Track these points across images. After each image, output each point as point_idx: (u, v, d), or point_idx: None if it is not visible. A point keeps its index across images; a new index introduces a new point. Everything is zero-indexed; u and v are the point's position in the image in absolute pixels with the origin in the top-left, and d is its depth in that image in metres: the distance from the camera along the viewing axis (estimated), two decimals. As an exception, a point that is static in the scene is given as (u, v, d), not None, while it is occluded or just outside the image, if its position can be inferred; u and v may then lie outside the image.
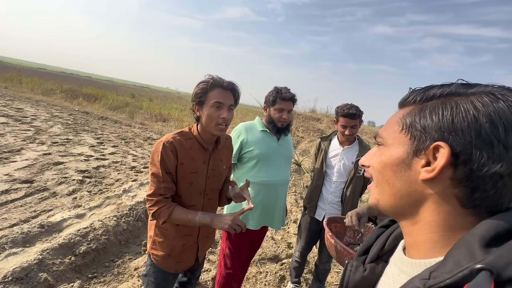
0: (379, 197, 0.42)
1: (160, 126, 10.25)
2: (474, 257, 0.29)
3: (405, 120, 0.39)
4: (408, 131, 0.38)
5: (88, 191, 3.40)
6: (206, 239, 1.34)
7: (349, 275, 0.49)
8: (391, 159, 0.40)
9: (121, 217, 2.69)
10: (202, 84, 1.12)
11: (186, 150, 1.14)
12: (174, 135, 1.15)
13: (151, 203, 1.10)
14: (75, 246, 2.15)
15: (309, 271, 2.49)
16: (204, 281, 2.15)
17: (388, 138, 0.41)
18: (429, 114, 0.36)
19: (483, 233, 0.31)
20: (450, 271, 0.31)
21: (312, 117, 9.18)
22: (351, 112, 1.70)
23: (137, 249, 2.47)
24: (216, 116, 1.10)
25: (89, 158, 4.72)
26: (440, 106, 0.36)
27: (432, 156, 0.35)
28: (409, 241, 0.41)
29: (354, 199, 1.83)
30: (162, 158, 1.08)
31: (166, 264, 1.23)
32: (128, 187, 3.43)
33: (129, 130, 8.22)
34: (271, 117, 1.62)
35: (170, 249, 1.21)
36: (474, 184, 0.33)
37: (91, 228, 2.37)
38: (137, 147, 6.29)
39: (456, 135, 0.33)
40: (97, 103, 13.12)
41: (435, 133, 0.35)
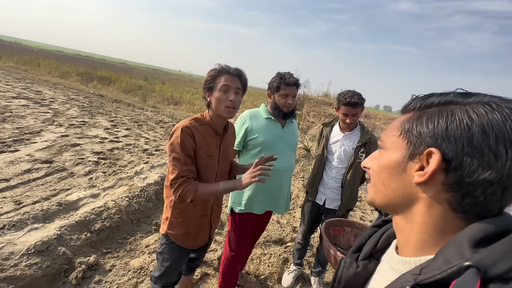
0: (374, 196, 0.45)
1: (172, 110, 10.37)
2: (462, 255, 0.32)
3: (404, 126, 0.41)
4: (406, 136, 0.41)
5: (103, 172, 3.57)
6: (216, 218, 1.46)
7: (342, 271, 0.52)
8: (388, 161, 0.42)
9: (132, 197, 2.82)
10: (211, 71, 1.22)
11: (202, 134, 1.22)
12: (190, 121, 1.22)
13: (175, 186, 1.15)
14: (90, 223, 2.29)
15: (312, 255, 2.54)
16: (210, 260, 2.26)
17: (387, 142, 0.44)
18: (426, 121, 0.38)
19: (472, 235, 0.33)
20: (439, 267, 0.33)
21: (324, 102, 8.95)
22: (353, 101, 1.67)
23: (148, 228, 2.60)
24: (225, 98, 1.18)
25: (103, 140, 4.90)
26: (437, 114, 0.38)
27: (425, 161, 0.37)
28: (401, 240, 0.43)
29: (354, 185, 1.83)
30: (182, 142, 1.15)
31: (186, 241, 1.34)
32: (140, 169, 3.56)
33: (141, 113, 8.39)
34: (276, 103, 1.60)
35: (188, 228, 1.31)
36: (464, 190, 0.34)
37: (105, 207, 2.50)
38: (149, 130, 6.44)
39: (448, 142, 0.35)
40: (111, 86, 13.37)
41: (429, 140, 0.37)
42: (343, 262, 0.53)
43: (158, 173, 3.52)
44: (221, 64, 1.22)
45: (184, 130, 1.16)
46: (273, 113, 1.63)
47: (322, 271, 2.14)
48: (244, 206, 1.64)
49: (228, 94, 1.18)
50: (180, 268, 1.46)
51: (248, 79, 1.28)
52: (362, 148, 1.78)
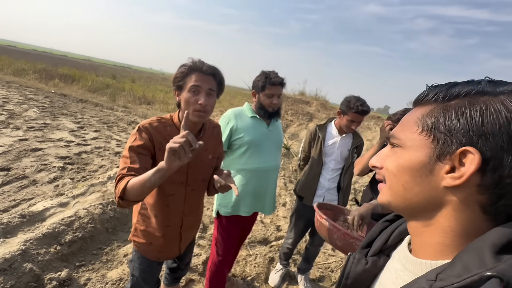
0: (391, 199, 0.41)
1: (145, 109, 9.90)
2: (484, 264, 0.29)
3: (426, 121, 0.36)
4: (430, 133, 0.36)
5: (70, 179, 3.28)
6: (189, 229, 1.31)
7: (350, 267, 0.49)
8: (410, 163, 0.37)
9: (107, 204, 2.63)
10: (182, 68, 1.07)
11: (164, 136, 1.09)
12: (151, 121, 1.11)
13: (115, 185, 0.98)
14: (60, 235, 2.09)
15: (297, 252, 2.58)
16: (195, 265, 2.19)
17: (406, 140, 0.38)
18: (455, 115, 0.33)
19: (495, 240, 0.30)
20: (458, 275, 0.30)
21: (301, 100, 9.15)
22: (364, 109, 1.66)
23: (126, 236, 2.45)
24: (193, 101, 1.04)
25: (69, 144, 4.51)
26: (468, 106, 0.33)
27: (458, 162, 0.33)
28: (417, 241, 0.40)
29: (348, 186, 1.90)
30: (134, 141, 1.04)
31: (148, 252, 1.22)
32: (113, 173, 3.34)
33: (111, 114, 7.88)
34: (261, 103, 1.58)
35: (151, 238, 1.19)
36: (501, 191, 0.31)
37: (76, 217, 2.30)
38: (121, 132, 6.08)
39: (486, 139, 0.31)
40: (75, 85, 12.39)
41: (462, 137, 0.32)
42: (352, 258, 0.50)
43: (134, 177, 3.33)
44: (193, 59, 1.07)
45: (141, 128, 1.06)
46: (258, 112, 1.61)
47: (308, 268, 2.18)
48: (231, 209, 1.60)
49: (198, 96, 1.04)
50: (155, 279, 1.33)
51: (224, 78, 1.14)
52: (355, 150, 1.84)
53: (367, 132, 7.18)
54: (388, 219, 0.52)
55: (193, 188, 1.21)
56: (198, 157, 1.20)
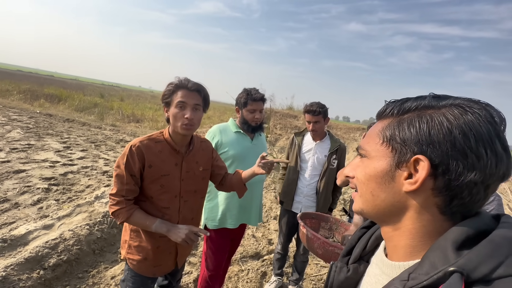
0: (363, 206, 0.44)
1: (133, 127, 9.83)
2: (447, 260, 0.32)
3: (385, 133, 0.40)
4: (389, 144, 0.39)
5: (55, 200, 3.19)
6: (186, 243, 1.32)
7: (333, 276, 0.50)
8: (375, 171, 0.41)
9: (94, 225, 2.56)
10: (169, 86, 1.16)
11: (155, 153, 1.16)
12: (142, 139, 1.17)
13: (112, 202, 1.13)
14: (44, 259, 2.01)
15: (290, 265, 2.57)
16: (186, 284, 2.14)
17: (371, 151, 0.42)
18: (407, 127, 0.37)
19: (455, 237, 0.34)
20: (426, 272, 0.33)
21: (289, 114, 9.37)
22: (312, 109, 1.84)
23: (113, 257, 2.37)
24: (180, 115, 1.13)
25: (55, 164, 4.40)
26: (417, 119, 0.37)
27: (413, 169, 0.36)
28: (390, 246, 0.43)
29: (327, 191, 1.94)
30: (128, 161, 1.11)
31: (144, 268, 1.22)
32: (101, 193, 3.27)
33: (99, 133, 7.77)
34: (245, 118, 1.66)
35: (146, 252, 1.20)
36: (452, 193, 0.35)
37: (61, 239, 2.23)
38: (109, 150, 5.98)
39: (433, 147, 0.35)
40: (62, 104, 12.23)
41: (414, 146, 0.36)
42: (334, 267, 0.51)
43: (122, 196, 3.26)
44: (179, 78, 1.16)
45: (132, 149, 1.12)
46: (242, 127, 1.68)
47: (299, 279, 2.17)
48: (218, 222, 1.62)
49: (185, 111, 1.13)
50: None
51: (209, 94, 1.22)
52: (334, 155, 1.92)
53: (353, 143, 7.38)
54: (365, 226, 0.55)
55: (186, 200, 1.26)
56: (190, 170, 1.26)
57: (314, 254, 1.07)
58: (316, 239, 1.00)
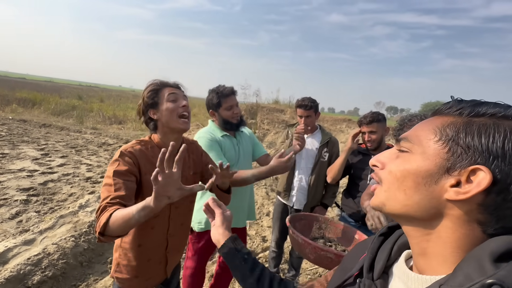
0: (387, 202, 0.40)
1: (116, 129, 9.48)
2: (484, 272, 0.29)
3: (446, 131, 0.36)
4: (447, 144, 0.35)
5: (36, 212, 3.01)
6: (176, 252, 1.27)
7: None
8: (417, 169, 0.37)
9: (79, 236, 2.45)
10: (150, 87, 1.11)
11: (148, 159, 1.07)
12: (133, 144, 1.08)
13: (97, 217, 0.87)
14: (27, 277, 1.90)
15: (285, 261, 2.58)
16: (181, 289, 2.09)
17: (419, 146, 0.38)
18: (478, 132, 0.33)
19: (493, 249, 0.31)
20: (460, 284, 0.30)
21: (276, 109, 9.36)
22: (304, 103, 1.85)
23: (103, 268, 2.28)
24: (176, 106, 1.08)
25: (33, 173, 4.17)
26: (492, 126, 0.33)
27: (466, 178, 0.33)
28: (417, 252, 0.39)
29: (318, 184, 1.94)
30: (119, 167, 0.98)
31: (135, 285, 1.16)
32: (85, 201, 3.12)
33: (79, 137, 7.44)
34: (224, 118, 1.57)
35: (136, 271, 1.14)
36: (501, 214, 0.32)
37: (44, 254, 2.11)
38: (91, 155, 5.74)
39: (501, 161, 0.31)
40: (36, 109, 11.58)
41: (479, 155, 0.33)
42: (362, 286, 0.45)
43: (109, 203, 3.14)
44: (157, 79, 1.14)
45: (124, 153, 1.01)
46: (224, 128, 1.61)
47: (296, 275, 2.18)
48: (205, 224, 1.56)
49: (178, 102, 1.09)
50: None
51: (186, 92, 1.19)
52: (325, 148, 1.93)
53: (340, 135, 7.50)
54: (382, 233, 0.50)
55: (177, 206, 1.19)
56: (182, 176, 1.17)
57: (306, 259, 1.05)
58: (307, 244, 0.98)
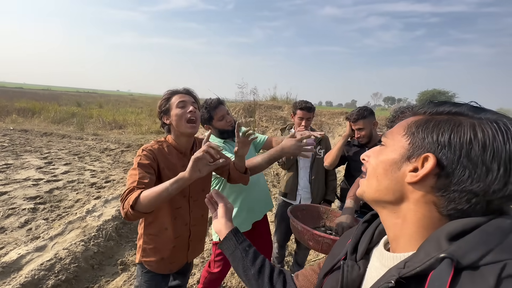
0: (366, 189, 0.47)
1: (117, 134, 9.54)
2: (440, 248, 0.35)
3: (411, 127, 0.42)
4: (409, 137, 0.42)
5: (44, 219, 3.09)
6: (198, 241, 1.38)
7: (347, 276, 0.50)
8: (386, 158, 0.44)
9: (89, 240, 2.52)
10: (163, 96, 1.25)
11: (165, 156, 1.22)
12: (152, 144, 1.23)
13: (122, 198, 0.99)
14: (41, 282, 1.97)
15: (289, 254, 2.65)
16: (190, 285, 2.16)
17: (390, 140, 0.45)
18: (432, 127, 0.40)
19: (450, 230, 0.36)
20: (420, 260, 0.36)
21: (274, 106, 9.39)
22: (307, 106, 1.87)
23: (113, 269, 2.36)
24: (184, 112, 1.19)
25: (38, 182, 4.24)
26: (444, 122, 0.39)
27: (420, 164, 0.39)
28: (391, 234, 0.45)
29: (319, 179, 2.00)
30: (141, 160, 1.13)
31: (161, 267, 1.28)
32: (92, 206, 3.19)
33: (81, 144, 7.50)
34: (220, 129, 1.61)
35: (162, 253, 1.26)
36: (450, 196, 0.37)
37: (56, 259, 2.18)
38: (94, 161, 5.81)
39: (448, 150, 0.37)
40: (36, 118, 11.64)
41: (430, 145, 0.39)
42: (346, 267, 0.51)
43: (115, 207, 3.21)
44: (170, 89, 1.27)
45: (145, 150, 1.17)
46: (223, 138, 1.65)
47: (300, 270, 2.23)
48: None
49: (186, 108, 1.20)
50: None
51: (197, 95, 1.31)
52: (318, 146, 1.98)
53: (338, 128, 7.53)
54: (366, 220, 0.56)
55: (195, 199, 1.31)
56: None
57: (306, 245, 1.11)
58: (306, 231, 1.04)
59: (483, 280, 0.31)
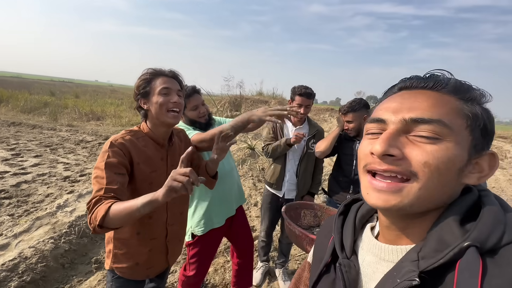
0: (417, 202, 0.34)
1: (94, 126, 9.04)
2: (455, 235, 0.33)
3: (470, 116, 0.34)
4: (470, 129, 0.34)
5: (9, 215, 2.83)
6: (177, 241, 1.25)
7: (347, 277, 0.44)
8: (454, 158, 0.33)
9: (59, 237, 2.33)
10: (143, 76, 1.07)
11: (140, 149, 1.05)
12: (123, 135, 1.04)
13: (88, 208, 0.87)
14: (2, 283, 1.78)
15: (274, 249, 2.61)
16: (171, 283, 2.06)
17: (449, 130, 0.33)
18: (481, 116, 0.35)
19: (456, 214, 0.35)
20: (437, 249, 0.33)
21: (260, 100, 9.32)
22: (307, 92, 1.77)
23: (87, 268, 2.19)
24: (166, 101, 1.04)
25: (3, 175, 3.89)
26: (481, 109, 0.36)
27: (487, 162, 0.36)
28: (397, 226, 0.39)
29: (307, 174, 1.95)
30: (109, 158, 0.94)
31: (136, 273, 1.14)
32: (63, 201, 2.97)
33: (54, 135, 7.02)
34: (191, 118, 1.49)
35: (137, 257, 1.12)
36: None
37: (20, 259, 1.99)
38: (68, 153, 5.44)
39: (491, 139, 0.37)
40: (3, 106, 10.79)
41: (490, 140, 0.36)
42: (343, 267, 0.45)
43: (90, 202, 3.00)
44: (152, 67, 1.09)
45: (114, 144, 0.98)
46: (193, 127, 1.51)
47: (285, 261, 2.21)
48: (204, 225, 1.52)
49: (170, 97, 1.05)
50: None
51: (184, 80, 1.16)
52: (312, 140, 1.90)
53: (323, 124, 7.63)
54: (341, 212, 0.51)
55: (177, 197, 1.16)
56: (175, 164, 1.16)
57: (303, 250, 1.05)
58: (305, 236, 0.97)
59: (508, 263, 0.30)
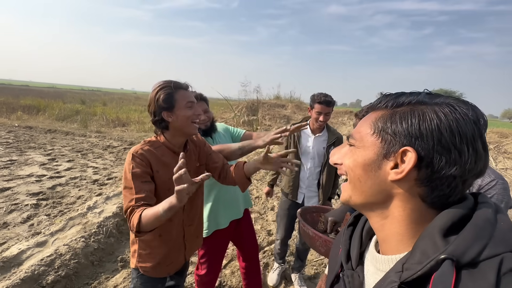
0: (351, 193, 0.45)
1: (120, 132, 9.57)
2: (437, 248, 0.34)
3: (377, 124, 0.42)
4: (379, 135, 0.41)
5: (46, 215, 3.10)
6: (195, 238, 1.36)
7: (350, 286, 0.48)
8: (363, 159, 0.42)
9: (89, 236, 2.52)
10: (164, 89, 1.11)
11: (158, 158, 1.15)
12: (142, 146, 1.15)
13: (127, 218, 1.04)
14: (41, 277, 1.97)
15: (291, 253, 2.62)
16: (190, 284, 2.15)
17: (360, 141, 0.44)
18: (399, 120, 0.39)
19: (441, 225, 0.36)
20: (419, 261, 0.35)
21: (277, 104, 9.35)
22: (327, 100, 1.76)
23: (113, 266, 2.35)
24: (191, 114, 1.14)
25: (41, 178, 4.26)
26: (409, 113, 0.39)
27: (400, 159, 0.39)
28: (381, 236, 0.44)
29: (329, 182, 1.95)
30: (134, 168, 1.07)
31: (158, 271, 1.24)
32: (93, 203, 3.19)
33: (84, 141, 7.54)
34: None
35: (158, 258, 1.22)
36: (433, 184, 0.37)
37: (56, 255, 2.18)
38: (97, 158, 5.83)
39: (421, 141, 0.37)
40: (41, 115, 11.75)
41: (404, 139, 0.38)
42: (346, 278, 0.49)
43: (116, 204, 3.21)
44: (166, 80, 1.15)
45: (135, 155, 1.09)
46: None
47: (302, 266, 2.22)
48: (208, 228, 1.57)
49: (194, 109, 1.16)
50: None
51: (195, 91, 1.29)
52: (332, 147, 1.90)
53: (342, 127, 7.48)
54: (350, 223, 0.55)
55: (192, 198, 1.27)
56: (190, 169, 1.26)
57: (316, 251, 1.06)
58: (318, 237, 0.99)
59: (483, 277, 0.31)
